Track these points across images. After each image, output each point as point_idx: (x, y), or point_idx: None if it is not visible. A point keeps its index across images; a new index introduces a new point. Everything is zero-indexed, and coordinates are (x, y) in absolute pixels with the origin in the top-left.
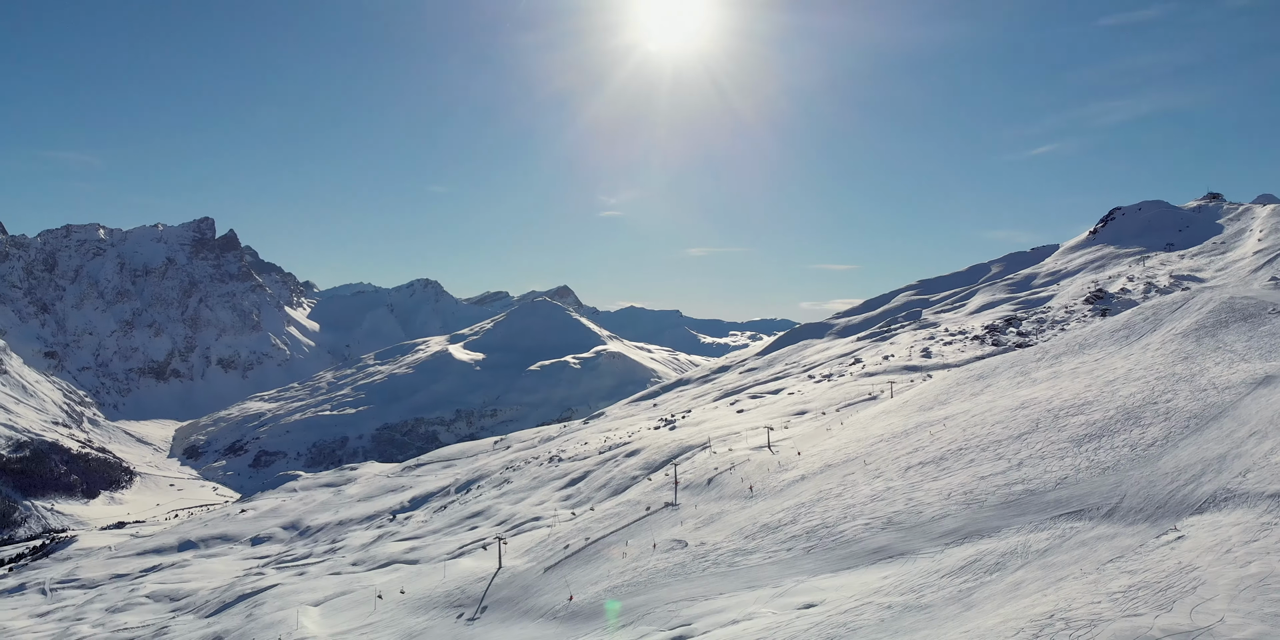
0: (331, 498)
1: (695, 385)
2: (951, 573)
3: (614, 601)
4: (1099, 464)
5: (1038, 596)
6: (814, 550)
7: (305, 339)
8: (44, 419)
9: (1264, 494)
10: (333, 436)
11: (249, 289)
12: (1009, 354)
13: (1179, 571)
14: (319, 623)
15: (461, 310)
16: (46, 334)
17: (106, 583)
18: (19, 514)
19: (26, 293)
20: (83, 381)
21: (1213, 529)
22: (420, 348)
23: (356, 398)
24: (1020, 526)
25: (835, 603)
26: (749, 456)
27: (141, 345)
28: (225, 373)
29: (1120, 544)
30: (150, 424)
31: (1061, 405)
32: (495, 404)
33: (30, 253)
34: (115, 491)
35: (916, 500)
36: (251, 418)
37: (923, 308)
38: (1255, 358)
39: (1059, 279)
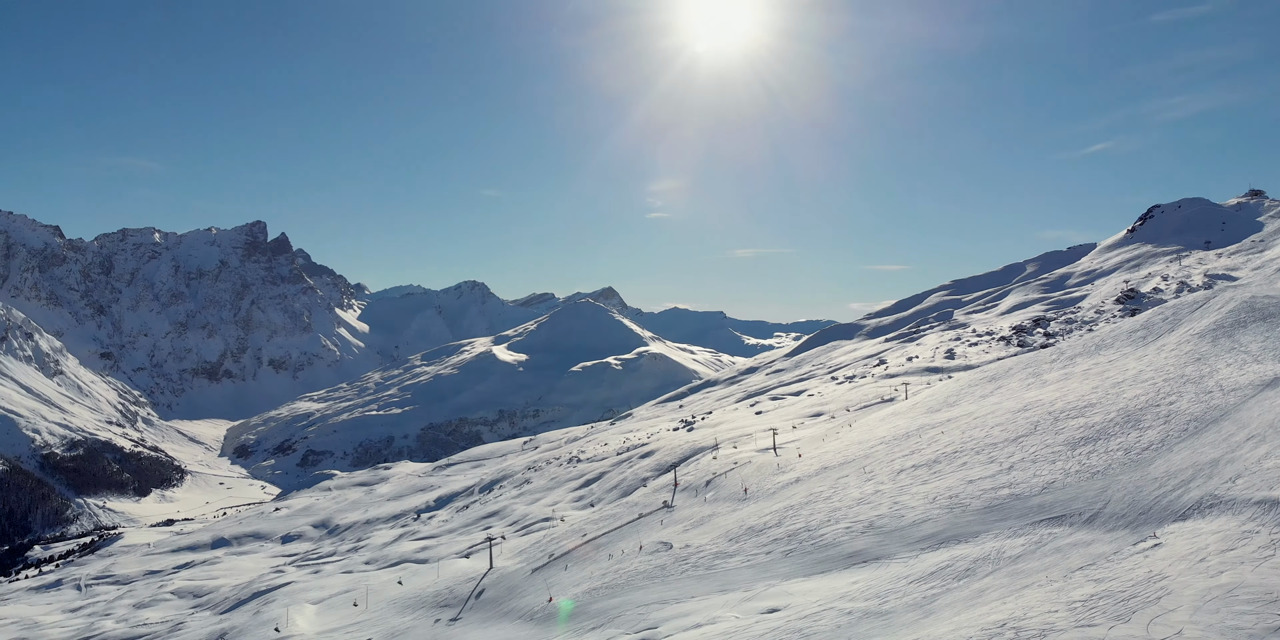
0: (363, 497)
1: (722, 386)
2: (920, 578)
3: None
4: (1089, 468)
5: (996, 604)
6: (792, 553)
7: (355, 340)
8: (98, 418)
9: (1250, 501)
10: (379, 436)
11: (300, 291)
12: (1025, 355)
13: (1147, 581)
14: (311, 621)
15: (508, 311)
16: (103, 335)
17: (140, 579)
18: (71, 511)
19: (84, 295)
20: (138, 382)
21: (1192, 537)
22: (465, 349)
23: (403, 398)
24: (999, 532)
25: (798, 608)
26: (752, 458)
27: (195, 346)
28: (276, 373)
29: (1094, 551)
30: (203, 423)
31: (1064, 407)
32: (537, 404)
33: (87, 256)
34: (166, 489)
35: (901, 504)
36: (300, 417)
37: (954, 308)
38: (1269, 359)
39: (1094, 279)
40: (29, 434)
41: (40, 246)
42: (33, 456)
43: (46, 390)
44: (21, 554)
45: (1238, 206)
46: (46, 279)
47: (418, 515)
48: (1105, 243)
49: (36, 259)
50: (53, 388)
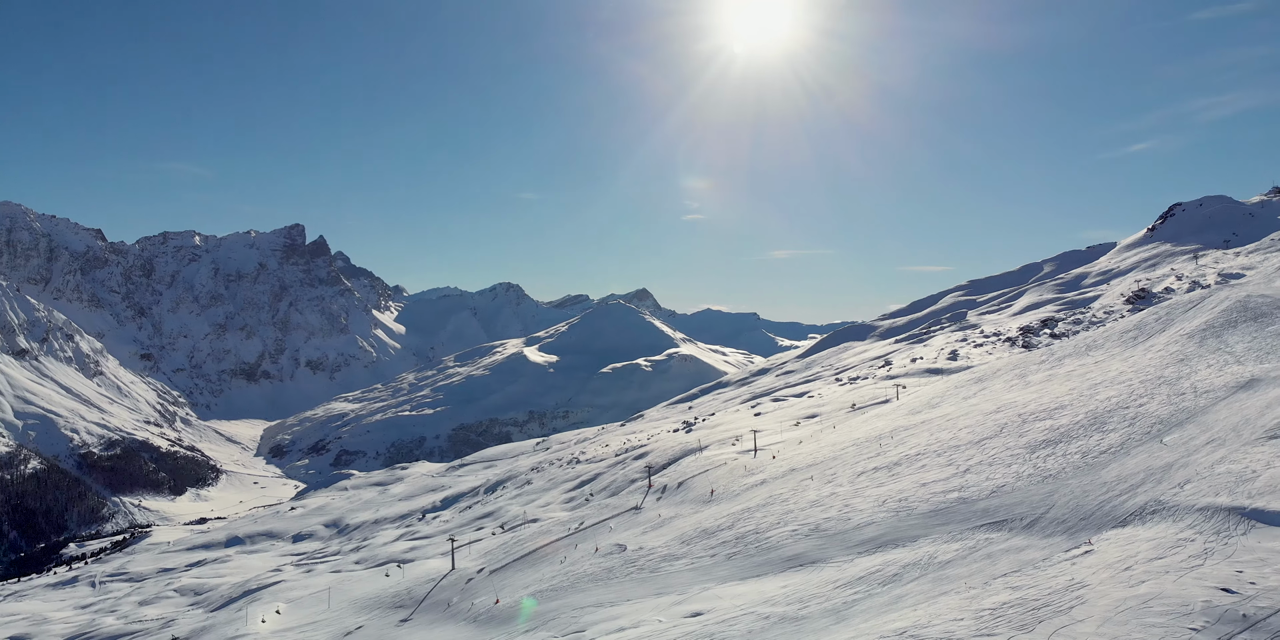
0: (376, 496)
1: (733, 387)
2: (847, 583)
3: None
4: (1043, 472)
5: (907, 611)
6: (735, 556)
7: (391, 341)
8: (136, 418)
9: (1193, 507)
10: (411, 436)
11: (337, 293)
12: (1017, 356)
13: (1065, 589)
14: (275, 620)
15: (542, 313)
16: (143, 337)
17: (152, 577)
18: (107, 509)
19: (125, 297)
20: (177, 382)
21: (1126, 544)
22: (497, 350)
23: (435, 399)
24: (937, 537)
25: (721, 612)
26: (730, 460)
27: (233, 347)
28: (313, 374)
29: (1025, 557)
30: (240, 423)
31: (1036, 410)
32: (567, 406)
33: (129, 259)
34: (201, 488)
35: (852, 507)
36: (335, 418)
37: (969, 309)
38: (1251, 360)
39: (1110, 278)
40: (67, 434)
41: (82, 249)
42: (70, 455)
43: (86, 390)
44: (56, 551)
45: (1260, 204)
46: (88, 281)
47: (423, 515)
48: (1125, 242)
49: (79, 262)
50: (92, 388)
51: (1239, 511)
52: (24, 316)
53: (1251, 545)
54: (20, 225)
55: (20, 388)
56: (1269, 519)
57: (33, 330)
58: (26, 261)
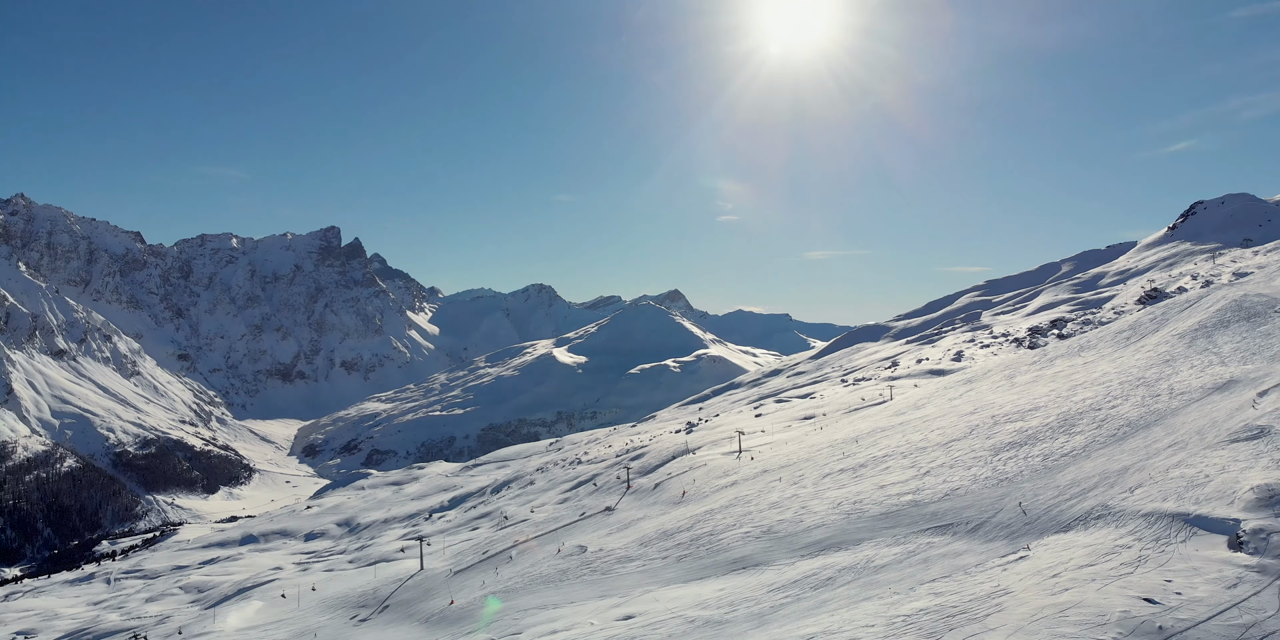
0: (390, 496)
1: (745, 388)
2: (781, 587)
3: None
4: (1000, 474)
5: (825, 617)
6: (685, 559)
7: (425, 342)
8: (172, 418)
9: (1139, 513)
10: (441, 436)
11: (372, 294)
12: (1011, 357)
13: (987, 596)
14: (244, 618)
15: (574, 314)
16: (180, 338)
17: (165, 574)
18: (141, 507)
19: (163, 298)
20: (213, 382)
21: (1063, 549)
22: (527, 351)
23: (465, 399)
24: (882, 540)
25: (651, 615)
26: (711, 461)
27: (269, 348)
28: (348, 374)
29: (959, 563)
30: (275, 423)
31: (1010, 411)
32: (595, 406)
33: (167, 261)
34: (234, 487)
35: (808, 509)
36: (368, 417)
37: (984, 309)
38: (1234, 361)
39: (1127, 278)
40: (103, 432)
41: (122, 252)
42: (106, 454)
43: (123, 390)
44: (89, 548)
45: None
46: (127, 283)
47: (429, 515)
48: (1145, 241)
49: (118, 264)
50: (129, 388)
51: (1183, 518)
52: (63, 317)
53: (1188, 553)
54: (60, 228)
55: (58, 387)
56: (1211, 526)
57: (71, 331)
58: (67, 264)
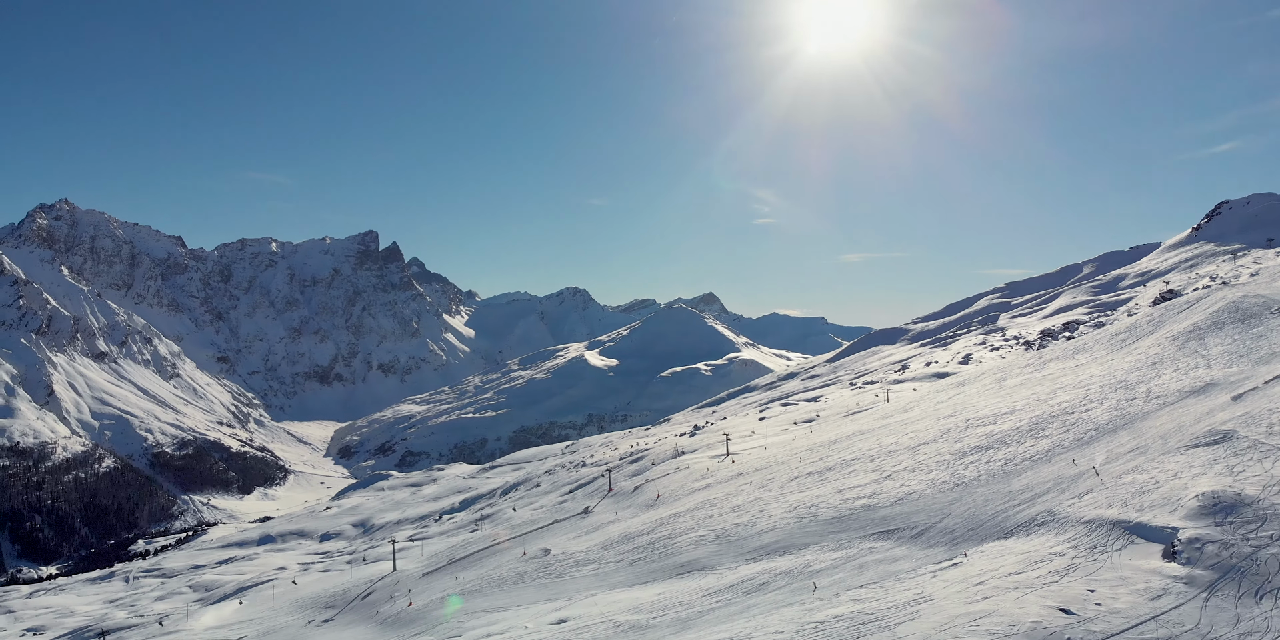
0: (407, 497)
1: (759, 391)
2: (717, 591)
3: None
4: (958, 479)
5: (741, 622)
6: (638, 563)
7: (461, 345)
8: (210, 419)
9: (1081, 519)
10: (473, 438)
11: (409, 298)
12: (1007, 360)
13: (907, 604)
14: (217, 616)
15: (608, 317)
16: (220, 340)
17: (182, 573)
18: (177, 507)
19: (203, 302)
20: (252, 384)
21: (997, 556)
22: (560, 354)
23: (498, 401)
24: (827, 544)
25: (584, 619)
26: (695, 464)
27: (308, 351)
28: (385, 377)
29: (893, 568)
30: (312, 425)
31: (987, 414)
32: (626, 409)
33: (207, 265)
34: (269, 488)
35: (765, 512)
36: (403, 419)
37: (1002, 311)
38: (1220, 363)
39: (1148, 279)
40: (142, 433)
41: (163, 256)
42: (144, 455)
43: (162, 392)
44: (125, 547)
45: None
46: (169, 287)
47: (439, 516)
48: (1169, 242)
49: (160, 268)
50: (168, 390)
51: (1123, 525)
52: (104, 320)
53: (1120, 562)
54: (104, 233)
55: (98, 389)
56: (1150, 535)
57: (112, 334)
58: (109, 268)
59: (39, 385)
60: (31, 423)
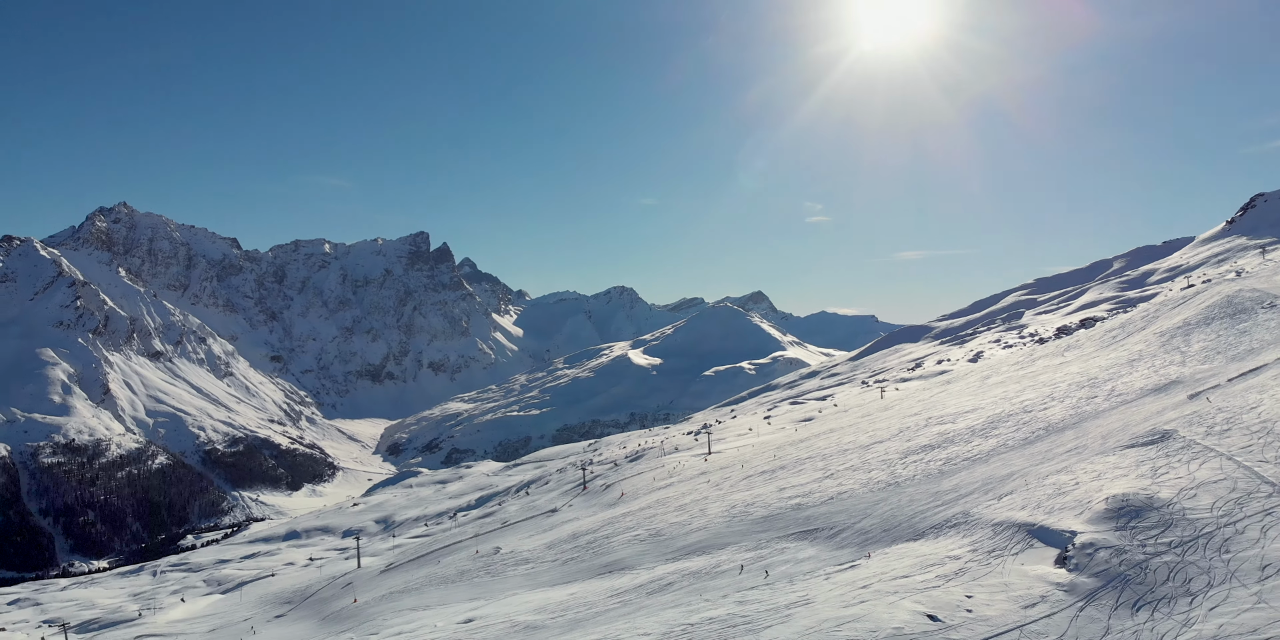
0: (430, 494)
1: (780, 390)
2: (623, 591)
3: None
4: (894, 478)
5: (620, 622)
6: (570, 562)
7: (509, 344)
8: (261, 417)
9: (991, 522)
10: (517, 436)
11: (459, 298)
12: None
13: (786, 606)
14: (183, 610)
15: (655, 316)
16: (274, 340)
17: (207, 568)
18: (227, 503)
19: (257, 302)
20: (305, 383)
21: (896, 559)
22: (604, 352)
23: (542, 399)
24: (746, 544)
25: (488, 619)
26: (672, 462)
27: (359, 350)
28: (435, 375)
29: (794, 569)
30: (363, 422)
31: (950, 413)
32: (669, 408)
33: (262, 266)
34: (317, 484)
35: (704, 512)
36: (450, 417)
37: (1027, 308)
38: (1195, 360)
39: (1176, 275)
40: (194, 431)
41: (219, 257)
42: (196, 452)
43: (215, 390)
44: (175, 542)
45: None
46: (224, 287)
47: (454, 514)
48: (1202, 236)
49: (215, 269)
50: (221, 388)
51: (1028, 528)
52: (160, 320)
53: (1012, 568)
54: (161, 235)
55: (153, 387)
56: (1049, 539)
57: (167, 333)
58: (166, 269)
59: (95, 384)
60: (87, 420)
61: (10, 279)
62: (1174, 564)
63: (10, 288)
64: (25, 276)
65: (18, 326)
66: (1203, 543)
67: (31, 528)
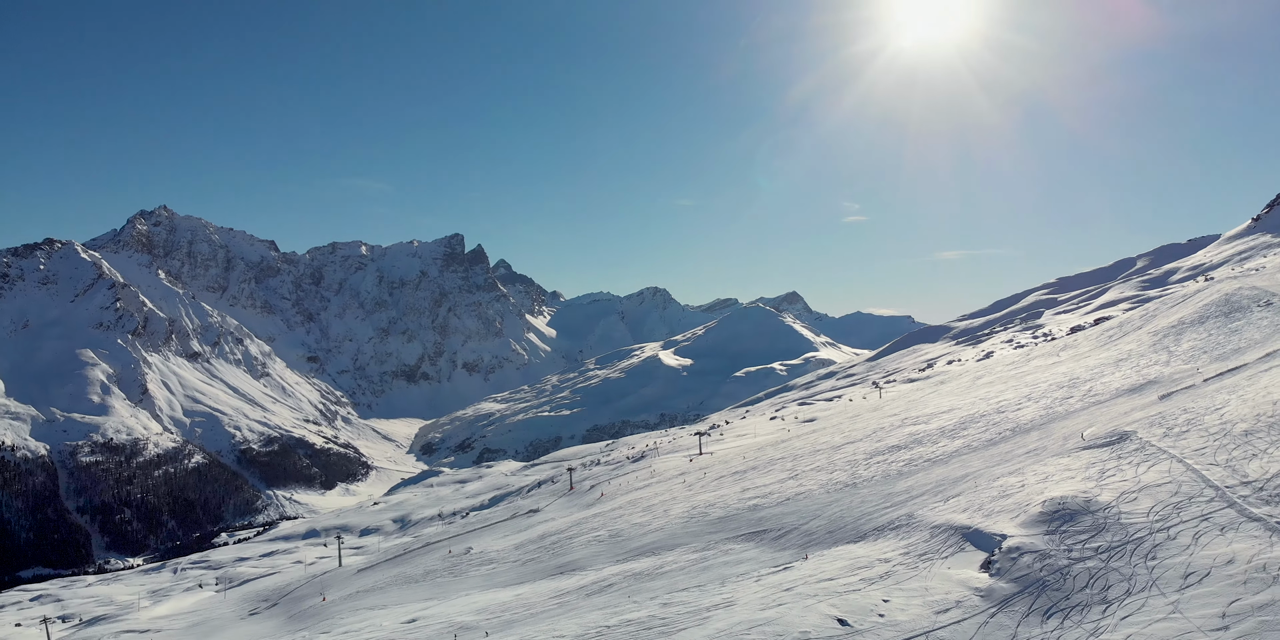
0: (449, 493)
1: (796, 391)
2: (565, 593)
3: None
4: (854, 479)
5: (547, 624)
6: (530, 563)
7: (542, 345)
8: (296, 417)
9: (930, 524)
10: (548, 436)
11: (493, 299)
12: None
13: (707, 609)
14: (169, 606)
15: (688, 317)
16: (311, 341)
17: (225, 565)
18: (261, 502)
19: (295, 303)
20: (341, 383)
21: (831, 561)
22: (635, 353)
23: (573, 400)
24: (694, 545)
25: (430, 619)
26: (660, 464)
27: (395, 350)
28: (469, 376)
29: (731, 571)
30: (398, 422)
31: (926, 414)
32: (699, 409)
33: (299, 268)
34: (351, 483)
35: (667, 513)
36: (482, 417)
37: (1047, 308)
38: (1179, 360)
39: (1199, 273)
40: (230, 430)
41: (257, 259)
42: (231, 451)
43: (252, 391)
44: (209, 540)
45: None
46: (262, 289)
47: (467, 513)
48: (1228, 233)
49: (254, 271)
50: (258, 388)
51: (963, 532)
52: (198, 322)
53: (938, 571)
54: (200, 238)
55: (190, 388)
56: (981, 542)
57: (205, 334)
58: (206, 271)
59: (134, 384)
60: (125, 420)
61: (52, 281)
62: (1096, 570)
63: (52, 290)
64: (66, 279)
65: (58, 328)
66: (1131, 549)
67: (69, 525)
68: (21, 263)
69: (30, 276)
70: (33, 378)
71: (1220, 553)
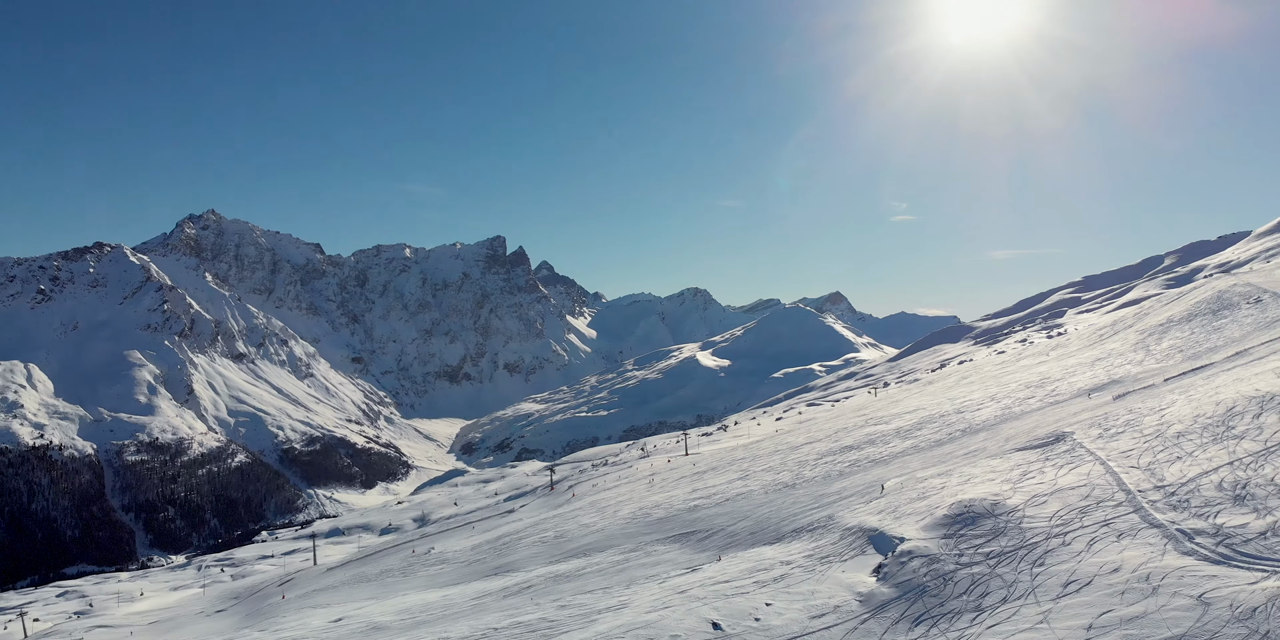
0: (470, 493)
1: (816, 391)
2: (486, 595)
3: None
4: (796, 479)
5: (445, 626)
6: (474, 564)
7: (583, 346)
8: (339, 417)
9: (844, 526)
10: (585, 436)
11: (535, 300)
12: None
13: (600, 611)
14: (150, 602)
15: (728, 317)
16: (355, 342)
17: (247, 563)
18: (302, 501)
19: (340, 305)
20: (384, 384)
21: (738, 563)
22: (674, 354)
23: (610, 400)
24: (624, 546)
25: (354, 618)
26: (642, 464)
27: (438, 351)
28: (510, 376)
29: (644, 573)
30: (440, 422)
31: (893, 413)
32: (736, 410)
33: (344, 270)
34: (391, 483)
35: (615, 514)
36: (521, 417)
37: (1071, 307)
38: (1153, 359)
39: (1226, 270)
40: (273, 430)
41: (302, 262)
42: (274, 450)
43: (296, 391)
44: (250, 538)
45: None
46: (307, 291)
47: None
48: (1259, 230)
49: (299, 273)
50: (302, 389)
51: (869, 534)
52: (244, 323)
53: (831, 575)
54: (247, 241)
55: (235, 388)
56: (881, 545)
57: (251, 336)
58: (252, 274)
59: (180, 385)
60: (170, 420)
61: (101, 284)
62: (979, 576)
63: (101, 292)
64: (115, 281)
65: (107, 329)
66: (1022, 554)
67: (114, 523)
68: (72, 266)
69: (80, 279)
70: (81, 378)
71: (1109, 560)
